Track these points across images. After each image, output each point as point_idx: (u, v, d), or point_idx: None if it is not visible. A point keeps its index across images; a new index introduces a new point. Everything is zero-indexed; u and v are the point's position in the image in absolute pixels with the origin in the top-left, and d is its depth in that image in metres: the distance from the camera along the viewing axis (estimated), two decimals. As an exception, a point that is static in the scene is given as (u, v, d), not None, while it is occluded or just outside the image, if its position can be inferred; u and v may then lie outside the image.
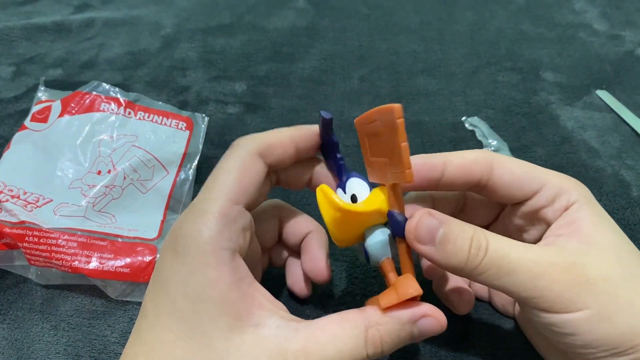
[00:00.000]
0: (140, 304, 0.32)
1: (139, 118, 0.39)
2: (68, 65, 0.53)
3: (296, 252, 0.30)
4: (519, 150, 0.43)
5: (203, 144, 0.40)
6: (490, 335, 0.30)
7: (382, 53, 0.56)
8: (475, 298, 0.30)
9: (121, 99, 0.40)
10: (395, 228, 0.23)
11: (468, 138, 0.44)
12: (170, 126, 0.40)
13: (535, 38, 0.58)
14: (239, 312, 0.21)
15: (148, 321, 0.22)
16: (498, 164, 0.25)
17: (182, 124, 0.40)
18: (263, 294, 0.22)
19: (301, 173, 0.28)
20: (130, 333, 0.30)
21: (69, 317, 0.31)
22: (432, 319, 0.22)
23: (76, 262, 0.31)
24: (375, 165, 0.24)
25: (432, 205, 0.27)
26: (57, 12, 0.62)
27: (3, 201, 0.33)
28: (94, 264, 0.31)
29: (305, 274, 0.29)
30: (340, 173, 0.26)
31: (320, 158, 0.28)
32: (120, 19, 0.60)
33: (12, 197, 0.33)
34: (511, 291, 0.22)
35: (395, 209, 0.23)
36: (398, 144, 0.21)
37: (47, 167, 0.36)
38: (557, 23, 0.61)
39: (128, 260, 0.31)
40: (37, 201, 0.34)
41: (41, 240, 0.31)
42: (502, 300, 0.30)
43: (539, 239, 0.25)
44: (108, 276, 0.31)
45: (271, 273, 0.32)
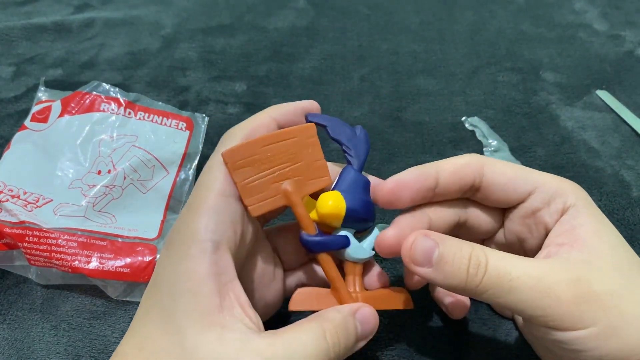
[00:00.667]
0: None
1: (139, 118, 0.40)
2: (68, 65, 0.53)
3: None
4: (519, 150, 0.43)
5: (203, 144, 0.40)
6: (490, 335, 0.30)
7: (382, 53, 0.56)
8: (472, 300, 0.30)
9: (121, 99, 0.40)
10: (311, 247, 0.24)
11: (468, 138, 0.44)
12: (170, 126, 0.40)
13: (535, 38, 0.58)
14: (210, 308, 0.20)
15: (139, 313, 0.22)
16: (489, 166, 0.25)
17: (182, 124, 0.40)
18: (238, 296, 0.22)
19: None
20: (130, 333, 0.30)
21: (69, 317, 0.31)
22: (367, 309, 0.24)
23: (76, 262, 0.31)
24: (264, 187, 0.23)
25: (429, 224, 0.26)
26: (57, 12, 0.62)
27: (3, 201, 0.33)
28: (94, 264, 0.31)
29: None
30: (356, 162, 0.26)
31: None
32: (120, 19, 0.60)
33: (12, 197, 0.33)
34: (515, 309, 0.21)
35: (303, 230, 0.24)
36: (318, 156, 0.25)
37: (47, 167, 0.36)
38: (557, 23, 0.61)
39: (128, 260, 0.31)
40: (37, 201, 0.34)
41: (41, 240, 0.31)
42: None
43: (540, 248, 0.25)
44: (108, 276, 0.31)
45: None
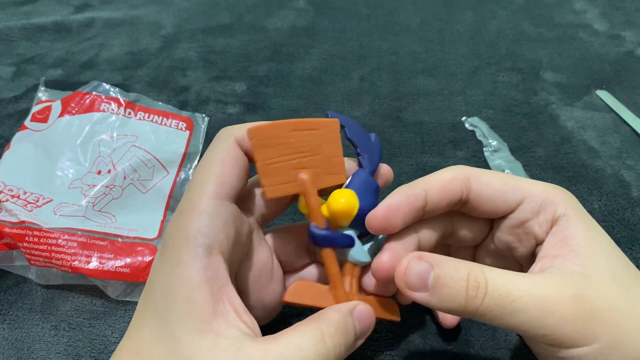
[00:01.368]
0: (140, 304, 0.32)
1: (139, 118, 0.40)
2: (68, 65, 0.53)
3: None
4: (519, 150, 0.43)
5: (203, 144, 0.40)
6: (490, 335, 0.30)
7: (382, 53, 0.56)
8: None
9: (121, 99, 0.40)
10: (318, 240, 0.24)
11: (468, 138, 0.44)
12: (170, 126, 0.40)
13: (535, 38, 0.58)
14: (204, 315, 0.20)
15: (136, 317, 0.22)
16: (476, 178, 0.24)
17: (182, 124, 0.40)
18: (232, 301, 0.21)
19: None
20: (130, 333, 0.30)
21: (69, 317, 0.31)
22: (364, 306, 0.24)
23: (76, 262, 0.31)
24: (281, 172, 0.23)
25: (417, 240, 0.25)
26: (57, 12, 0.62)
27: (3, 201, 0.33)
28: (94, 264, 0.31)
29: None
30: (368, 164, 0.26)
31: None
32: (120, 19, 0.60)
33: (12, 197, 0.33)
34: (519, 330, 0.21)
35: (313, 222, 0.24)
36: (338, 152, 0.24)
37: (47, 167, 0.36)
38: (557, 23, 0.61)
39: (128, 260, 0.31)
40: (37, 201, 0.34)
41: (41, 240, 0.31)
42: None
43: (530, 256, 0.25)
44: (108, 276, 0.31)
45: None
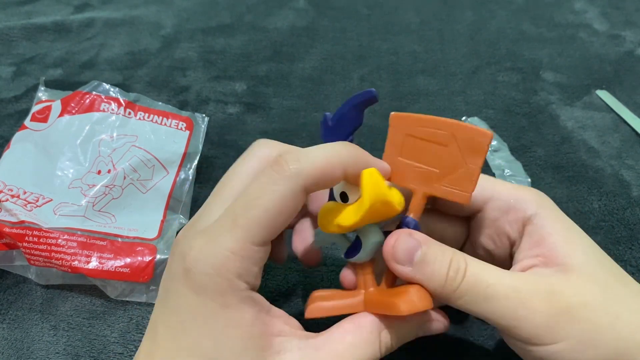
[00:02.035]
0: (139, 304, 0.32)
1: (139, 118, 0.39)
2: (68, 65, 0.53)
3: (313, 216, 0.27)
4: (519, 150, 0.43)
5: (203, 144, 0.40)
6: (490, 335, 0.30)
7: (382, 53, 0.56)
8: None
9: (121, 99, 0.40)
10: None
11: (468, 138, 0.44)
12: (170, 126, 0.40)
13: (535, 38, 0.58)
14: (262, 344, 0.21)
15: (164, 351, 0.21)
16: None
17: (182, 124, 0.40)
18: (279, 317, 0.22)
19: None
20: (129, 333, 0.30)
21: (69, 317, 0.31)
22: (438, 324, 0.24)
23: (76, 262, 0.31)
24: (406, 168, 0.23)
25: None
26: (57, 12, 0.62)
27: (3, 201, 0.33)
28: (94, 264, 0.31)
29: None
30: None
31: None
32: (120, 19, 0.60)
33: (12, 197, 0.33)
34: (490, 318, 0.21)
35: (411, 215, 0.23)
36: (477, 167, 0.21)
37: (47, 167, 0.36)
38: (557, 23, 0.61)
39: (128, 260, 0.31)
40: (37, 201, 0.34)
41: (41, 240, 0.31)
42: None
43: (509, 258, 0.25)
44: (108, 276, 0.31)
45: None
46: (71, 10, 0.63)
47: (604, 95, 0.49)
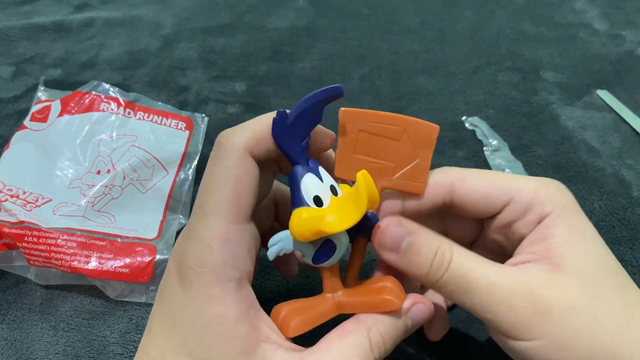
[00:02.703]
0: (139, 305, 0.32)
1: (139, 118, 0.39)
2: (68, 65, 0.53)
3: None
4: (519, 149, 0.43)
5: (203, 144, 0.40)
6: (490, 335, 0.30)
7: (382, 53, 0.56)
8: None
9: (121, 99, 0.40)
10: (369, 229, 0.23)
11: (468, 138, 0.44)
12: (170, 126, 0.40)
13: (535, 38, 0.58)
14: (247, 347, 0.20)
15: (155, 344, 0.21)
16: (460, 182, 0.24)
17: (182, 124, 0.40)
18: (267, 323, 0.22)
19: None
20: (129, 333, 0.30)
21: (69, 318, 0.31)
22: (421, 306, 0.23)
23: (75, 262, 0.31)
24: (361, 163, 0.23)
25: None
26: (57, 12, 0.62)
27: (2, 201, 0.32)
28: (93, 264, 0.31)
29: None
30: (305, 155, 0.23)
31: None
32: (120, 19, 0.60)
33: (12, 197, 0.33)
34: (471, 309, 0.22)
35: (373, 211, 0.24)
36: (428, 159, 0.23)
37: (47, 167, 0.36)
38: (557, 23, 0.60)
39: (127, 260, 0.31)
40: (37, 201, 0.34)
41: (40, 240, 0.31)
42: None
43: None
44: (107, 276, 0.31)
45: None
46: (71, 10, 0.63)
47: (605, 95, 0.49)
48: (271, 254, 0.22)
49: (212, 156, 0.22)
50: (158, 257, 0.32)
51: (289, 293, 0.32)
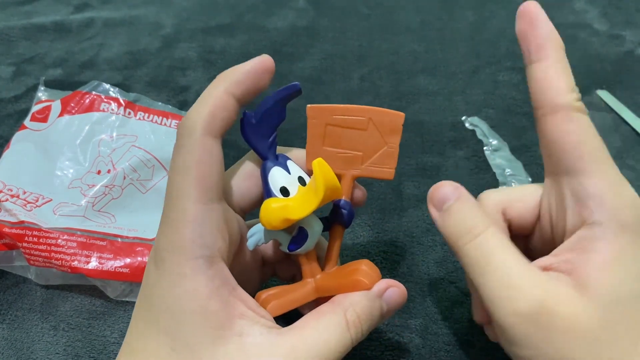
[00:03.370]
0: (139, 304, 0.32)
1: (139, 118, 0.39)
2: (68, 65, 0.53)
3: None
4: (519, 149, 0.43)
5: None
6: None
7: (382, 53, 0.56)
8: None
9: (121, 99, 0.40)
10: (346, 216, 0.24)
11: (468, 138, 0.44)
12: (170, 126, 0.40)
13: (535, 38, 0.58)
14: (221, 322, 0.21)
15: (137, 330, 0.22)
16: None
17: (182, 124, 0.40)
18: (245, 301, 0.22)
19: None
20: (129, 333, 0.30)
21: (69, 317, 0.31)
22: (395, 289, 0.24)
23: (75, 262, 0.31)
24: (331, 155, 0.24)
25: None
26: (57, 12, 0.62)
27: (2, 201, 0.33)
28: (94, 264, 0.31)
29: None
30: (273, 150, 0.25)
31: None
32: (120, 19, 0.60)
33: (12, 197, 0.33)
34: (478, 288, 0.22)
35: (343, 197, 0.25)
36: (396, 145, 0.24)
37: (47, 167, 0.36)
38: (557, 23, 0.60)
39: (127, 260, 0.31)
40: (37, 201, 0.34)
41: (40, 240, 0.31)
42: None
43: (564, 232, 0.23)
44: (107, 276, 0.31)
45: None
46: (71, 10, 0.63)
47: (605, 95, 0.49)
48: (250, 245, 0.24)
49: (174, 146, 0.23)
50: (147, 274, 0.31)
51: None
